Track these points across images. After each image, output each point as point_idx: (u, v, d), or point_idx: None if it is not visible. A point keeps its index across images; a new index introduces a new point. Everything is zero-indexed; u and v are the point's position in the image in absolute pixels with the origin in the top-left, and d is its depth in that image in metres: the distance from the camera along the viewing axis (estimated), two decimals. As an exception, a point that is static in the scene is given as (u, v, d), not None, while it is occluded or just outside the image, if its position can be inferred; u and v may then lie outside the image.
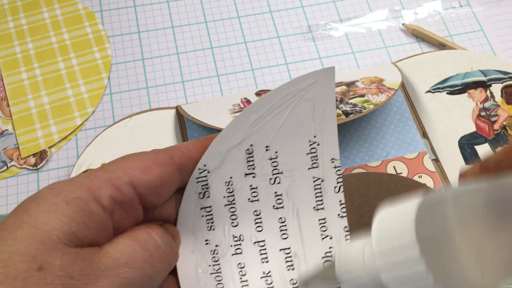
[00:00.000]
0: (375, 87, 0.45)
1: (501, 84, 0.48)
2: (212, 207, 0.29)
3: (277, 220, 0.30)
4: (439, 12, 0.55)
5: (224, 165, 0.29)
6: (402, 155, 0.45)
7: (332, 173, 0.30)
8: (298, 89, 0.29)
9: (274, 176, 0.30)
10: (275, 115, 0.29)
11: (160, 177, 0.26)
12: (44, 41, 0.53)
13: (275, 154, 0.30)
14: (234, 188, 0.30)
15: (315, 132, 0.30)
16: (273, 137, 0.29)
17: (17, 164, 0.46)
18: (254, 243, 0.30)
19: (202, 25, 0.55)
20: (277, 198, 0.30)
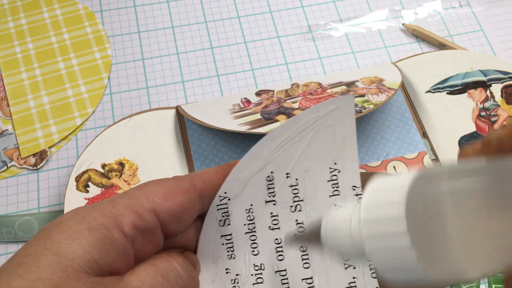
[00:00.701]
0: (375, 87, 0.45)
1: (501, 84, 0.48)
2: (232, 235, 0.29)
3: (299, 249, 0.30)
4: (439, 12, 0.55)
5: (245, 192, 0.29)
6: (402, 155, 0.45)
7: (354, 201, 0.30)
8: (318, 116, 0.29)
9: (295, 204, 0.30)
10: (296, 142, 0.29)
11: (182, 204, 0.26)
12: (44, 41, 0.53)
13: (296, 181, 0.29)
14: (255, 215, 0.29)
15: (336, 159, 0.30)
16: (294, 164, 0.29)
17: (17, 164, 0.46)
18: (275, 272, 0.29)
19: (202, 25, 0.55)
20: (299, 226, 0.30)
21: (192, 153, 0.45)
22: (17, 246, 0.43)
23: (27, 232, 0.43)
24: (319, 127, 0.29)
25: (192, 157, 0.45)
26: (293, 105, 0.44)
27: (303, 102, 0.45)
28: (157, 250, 0.26)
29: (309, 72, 0.52)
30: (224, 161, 0.44)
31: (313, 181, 0.30)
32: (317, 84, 0.48)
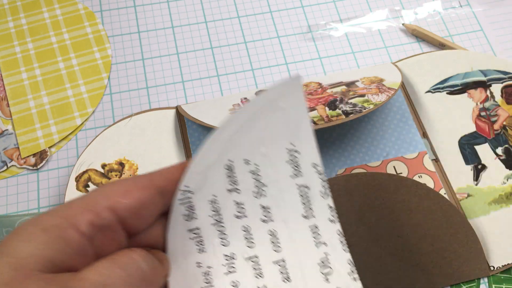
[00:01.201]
0: (375, 87, 0.45)
1: (501, 84, 0.48)
2: (199, 229, 0.29)
3: (267, 233, 0.30)
4: (439, 12, 0.55)
5: (206, 184, 0.29)
6: (402, 155, 0.45)
7: (316, 179, 0.30)
8: (269, 99, 0.29)
9: (258, 189, 0.29)
10: (250, 128, 0.29)
11: (140, 200, 0.26)
12: (44, 41, 0.53)
13: (256, 166, 0.29)
14: (220, 206, 0.29)
15: (292, 140, 0.29)
16: (251, 150, 0.29)
17: (17, 164, 0.46)
18: (246, 260, 0.29)
19: (202, 25, 0.55)
20: (264, 211, 0.30)
21: (192, 153, 0.45)
22: (17, 246, 0.43)
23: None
24: (271, 111, 0.29)
25: (192, 157, 0.45)
26: (293, 105, 0.44)
27: (303, 102, 0.45)
28: (120, 249, 0.26)
29: (309, 72, 0.52)
30: (224, 161, 0.45)
31: (273, 164, 0.29)
32: (317, 84, 0.48)
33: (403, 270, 0.40)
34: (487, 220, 0.42)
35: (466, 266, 0.40)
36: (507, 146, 0.45)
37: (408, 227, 0.40)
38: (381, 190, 0.41)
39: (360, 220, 0.40)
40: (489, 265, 0.41)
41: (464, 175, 0.44)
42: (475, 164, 0.45)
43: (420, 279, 0.40)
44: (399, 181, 0.41)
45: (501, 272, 0.41)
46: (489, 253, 0.41)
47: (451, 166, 0.45)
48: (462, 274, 0.40)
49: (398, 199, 0.40)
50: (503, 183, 0.44)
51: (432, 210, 0.40)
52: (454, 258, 0.40)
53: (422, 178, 0.44)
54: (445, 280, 0.40)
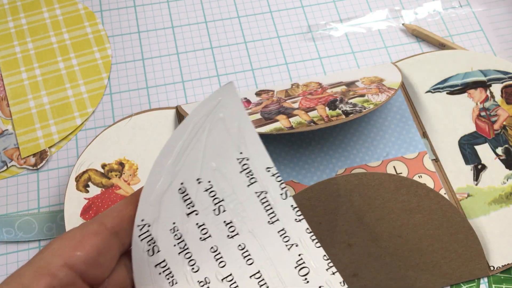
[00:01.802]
0: (375, 87, 0.45)
1: (501, 84, 0.48)
2: (166, 261, 0.28)
3: (237, 249, 0.29)
4: (439, 12, 0.55)
5: (162, 213, 0.28)
6: (402, 155, 0.45)
7: (273, 182, 0.29)
8: (205, 113, 0.28)
9: (217, 206, 0.29)
10: (194, 145, 0.28)
11: (95, 248, 0.25)
12: (44, 41, 0.53)
13: (209, 184, 0.29)
14: (181, 232, 0.28)
15: (240, 148, 0.29)
16: (200, 167, 0.28)
17: (17, 164, 0.46)
18: (222, 281, 0.29)
19: (202, 25, 0.55)
20: (229, 226, 0.29)
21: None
22: (17, 246, 0.43)
23: (27, 232, 0.43)
24: (211, 123, 0.28)
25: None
26: (293, 105, 0.44)
27: (303, 102, 0.45)
28: None
29: (309, 72, 0.52)
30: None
31: (226, 177, 0.29)
32: (317, 84, 0.48)
33: (403, 270, 0.40)
34: (487, 220, 0.42)
35: (466, 266, 0.40)
36: (507, 146, 0.45)
37: (408, 227, 0.40)
38: (381, 190, 0.41)
39: (360, 220, 0.40)
40: (489, 265, 0.41)
41: (464, 175, 0.44)
42: (475, 164, 0.45)
43: (420, 279, 0.40)
44: (399, 181, 0.41)
45: (501, 272, 0.41)
46: (489, 253, 0.41)
47: (451, 166, 0.45)
48: (462, 274, 0.40)
49: (398, 199, 0.40)
50: (503, 183, 0.44)
51: (432, 210, 0.40)
52: (454, 258, 0.40)
53: (422, 178, 0.44)
54: (445, 280, 0.40)
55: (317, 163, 0.45)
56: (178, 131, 0.28)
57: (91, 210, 0.42)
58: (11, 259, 0.42)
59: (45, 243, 0.43)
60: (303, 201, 0.40)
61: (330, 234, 0.40)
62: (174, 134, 0.28)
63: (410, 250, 0.40)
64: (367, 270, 0.40)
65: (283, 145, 0.45)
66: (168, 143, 0.28)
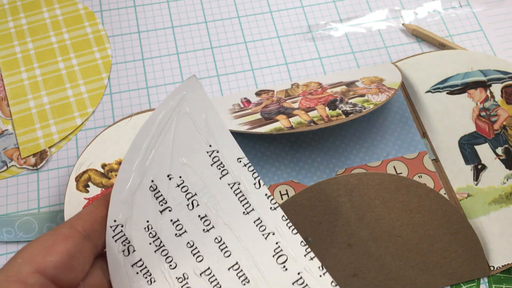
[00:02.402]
0: (375, 87, 0.45)
1: (501, 84, 0.48)
2: (142, 260, 0.28)
3: (213, 242, 0.29)
4: (439, 12, 0.55)
5: (135, 212, 0.28)
6: (402, 155, 0.45)
7: (245, 172, 0.29)
8: (171, 108, 0.28)
9: (190, 201, 0.29)
10: (162, 142, 0.28)
11: (65, 252, 0.24)
12: (44, 41, 0.53)
13: (180, 179, 0.29)
14: (156, 230, 0.28)
15: (209, 141, 0.29)
16: (170, 163, 0.28)
17: (17, 164, 0.46)
18: (200, 275, 0.28)
19: (202, 25, 0.55)
20: (203, 220, 0.29)
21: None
22: (17, 246, 0.43)
23: (27, 232, 0.43)
24: (177, 118, 0.28)
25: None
26: (293, 105, 0.44)
27: (303, 102, 0.45)
28: None
29: (309, 72, 0.52)
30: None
31: (197, 171, 0.29)
32: (317, 84, 0.48)
33: (403, 270, 0.40)
34: (487, 220, 0.42)
35: (466, 266, 0.40)
36: (507, 146, 0.45)
37: (408, 227, 0.40)
38: (381, 190, 0.41)
39: (360, 220, 0.40)
40: (489, 265, 0.41)
41: (464, 175, 0.44)
42: (475, 164, 0.45)
43: (420, 279, 0.40)
44: (399, 181, 0.41)
45: (501, 272, 0.41)
46: (489, 253, 0.41)
47: (451, 166, 0.45)
48: (462, 274, 0.40)
49: (398, 199, 0.40)
50: (503, 183, 0.44)
51: (432, 210, 0.40)
52: (454, 258, 0.40)
53: (422, 178, 0.44)
54: (445, 280, 0.40)
55: (317, 163, 0.45)
56: (145, 127, 0.28)
57: (91, 210, 0.42)
58: (11, 259, 0.42)
59: (45, 243, 0.43)
60: (303, 201, 0.40)
61: (330, 234, 0.40)
62: (141, 131, 0.28)
63: (410, 250, 0.40)
64: (367, 270, 0.40)
65: (283, 145, 0.45)
66: (135, 141, 0.28)
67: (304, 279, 0.29)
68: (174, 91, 0.29)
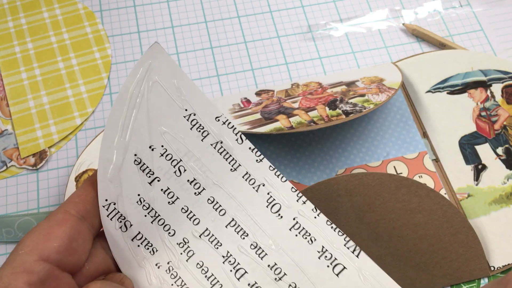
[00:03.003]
0: (375, 86, 0.45)
1: (501, 84, 0.48)
2: (141, 232, 0.28)
3: (207, 203, 0.29)
4: (439, 12, 0.55)
5: (124, 188, 0.28)
6: (402, 155, 0.45)
7: (225, 130, 0.29)
8: (139, 79, 0.28)
9: (177, 168, 0.29)
10: (138, 115, 0.28)
11: (64, 236, 0.25)
12: (44, 41, 0.53)
13: (163, 148, 0.29)
14: (148, 201, 0.29)
15: (184, 106, 0.29)
16: (149, 134, 0.29)
17: (16, 164, 0.46)
18: (199, 237, 0.29)
19: (202, 25, 0.54)
20: (193, 184, 0.29)
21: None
22: (16, 246, 0.43)
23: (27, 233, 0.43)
24: (148, 89, 0.29)
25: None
26: (293, 105, 0.44)
27: (303, 101, 0.45)
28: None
29: (309, 72, 0.51)
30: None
31: (177, 137, 0.29)
32: (317, 84, 0.48)
33: (403, 270, 0.40)
34: (487, 220, 0.42)
35: (467, 266, 0.40)
36: (507, 146, 0.45)
37: (408, 227, 0.40)
38: (381, 190, 0.41)
39: (360, 220, 0.40)
40: (490, 265, 0.41)
41: (464, 175, 0.44)
42: (475, 164, 0.45)
43: (420, 279, 0.40)
44: (399, 181, 0.41)
45: (502, 272, 0.41)
46: (490, 253, 0.41)
47: (452, 166, 0.45)
48: (463, 274, 0.40)
49: (398, 199, 0.40)
50: (504, 183, 0.44)
51: (432, 210, 0.40)
52: (454, 258, 0.40)
53: (423, 178, 0.44)
54: (446, 280, 0.40)
55: (317, 163, 0.45)
56: (117, 103, 0.28)
57: (90, 210, 0.42)
58: (11, 259, 0.42)
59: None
60: (303, 201, 0.40)
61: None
62: (114, 107, 0.28)
63: (410, 250, 0.40)
64: (367, 270, 0.40)
65: (283, 145, 0.45)
66: (110, 117, 0.28)
67: (300, 223, 0.29)
68: (139, 62, 0.29)
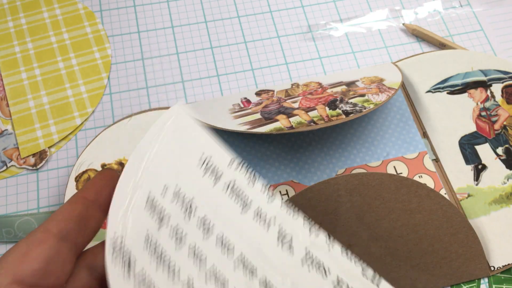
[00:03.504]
0: (375, 86, 0.45)
1: (501, 84, 0.48)
2: (144, 269, 0.28)
3: (216, 241, 0.29)
4: (439, 11, 0.55)
5: (133, 224, 0.28)
6: (402, 155, 0.45)
7: (238, 173, 0.30)
8: (159, 128, 0.30)
9: (187, 209, 0.29)
10: (152, 156, 0.29)
11: (40, 258, 0.23)
12: (44, 41, 0.53)
13: (174, 190, 0.29)
14: (156, 239, 0.29)
15: (199, 152, 0.30)
16: (163, 176, 0.29)
17: (16, 164, 0.46)
18: (205, 274, 0.29)
19: (202, 25, 0.54)
20: (203, 223, 0.29)
21: (192, 153, 0.45)
22: (16, 246, 0.43)
23: (26, 232, 0.43)
24: (166, 136, 0.30)
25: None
26: (293, 105, 0.44)
27: (303, 101, 0.45)
28: None
29: (309, 72, 0.51)
30: (224, 161, 0.44)
31: (190, 181, 0.30)
32: (317, 84, 0.48)
33: (403, 270, 0.40)
34: (487, 220, 0.42)
35: (467, 266, 0.40)
36: (507, 146, 0.45)
37: (408, 227, 0.40)
38: (381, 190, 0.41)
39: (360, 220, 0.40)
40: (490, 265, 0.41)
41: (464, 175, 0.44)
42: (475, 164, 0.45)
43: (421, 279, 0.40)
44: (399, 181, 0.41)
45: (502, 272, 0.41)
46: (490, 253, 0.41)
47: (452, 166, 0.45)
48: (463, 274, 0.40)
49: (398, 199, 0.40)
50: (504, 183, 0.44)
51: (432, 210, 0.40)
52: (454, 258, 0.40)
53: (423, 178, 0.44)
54: (446, 280, 0.40)
55: (317, 163, 0.45)
56: (139, 148, 0.29)
57: (90, 210, 0.42)
58: (11, 259, 0.42)
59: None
60: (303, 201, 0.40)
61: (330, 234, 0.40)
62: (139, 145, 0.29)
63: (410, 250, 0.40)
64: (367, 270, 0.40)
65: (283, 145, 0.45)
66: (128, 166, 0.29)
67: (313, 253, 0.29)
68: (161, 119, 0.30)
